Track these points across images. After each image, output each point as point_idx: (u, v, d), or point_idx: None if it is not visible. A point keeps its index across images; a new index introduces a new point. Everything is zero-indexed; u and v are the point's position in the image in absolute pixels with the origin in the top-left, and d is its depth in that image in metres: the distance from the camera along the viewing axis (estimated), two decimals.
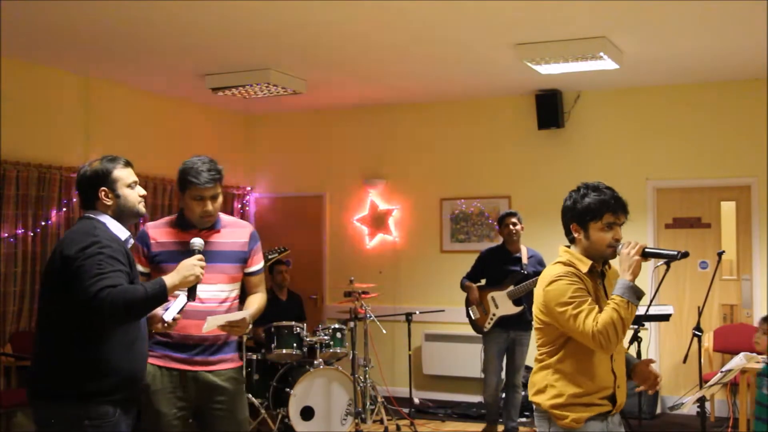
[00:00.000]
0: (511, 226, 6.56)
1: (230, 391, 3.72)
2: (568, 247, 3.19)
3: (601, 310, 2.98)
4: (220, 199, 3.72)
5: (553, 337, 3.08)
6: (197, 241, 3.38)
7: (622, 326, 2.93)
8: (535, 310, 3.15)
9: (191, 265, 3.22)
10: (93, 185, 3.22)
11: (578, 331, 2.95)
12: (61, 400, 3.03)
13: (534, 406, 3.18)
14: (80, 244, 3.04)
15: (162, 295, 3.10)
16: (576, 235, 3.11)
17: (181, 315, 3.31)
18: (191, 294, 3.30)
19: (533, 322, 3.21)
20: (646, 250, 3.04)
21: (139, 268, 3.57)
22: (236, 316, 3.62)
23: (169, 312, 3.27)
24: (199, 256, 3.29)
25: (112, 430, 3.06)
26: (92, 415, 3.02)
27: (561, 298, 2.98)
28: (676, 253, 3.05)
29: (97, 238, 3.06)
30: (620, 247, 3.06)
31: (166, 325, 3.30)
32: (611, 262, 3.21)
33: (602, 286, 3.16)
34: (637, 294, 2.97)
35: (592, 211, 3.06)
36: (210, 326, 3.52)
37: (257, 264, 3.87)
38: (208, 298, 3.64)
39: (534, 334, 3.22)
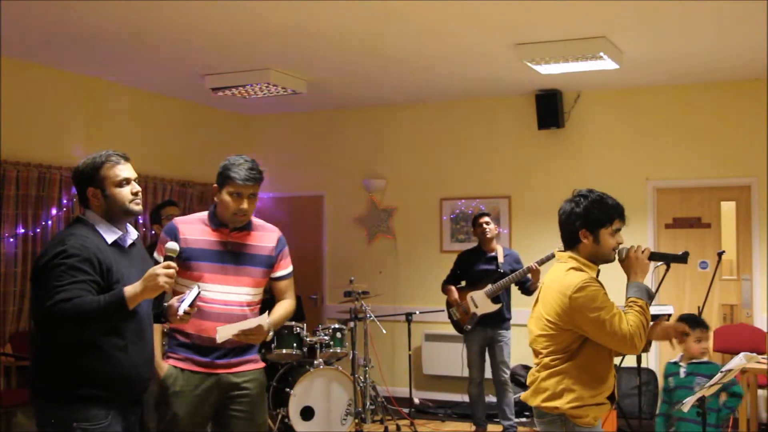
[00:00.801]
0: (484, 226, 6.77)
1: (252, 393, 3.68)
2: (562, 251, 3.26)
3: None
4: (256, 201, 3.68)
5: (567, 343, 3.12)
6: (171, 246, 3.15)
7: (647, 327, 3.10)
8: (549, 316, 3.16)
9: (154, 275, 2.92)
10: (81, 185, 3.16)
11: (613, 334, 3.02)
12: (59, 401, 3.01)
13: (538, 411, 3.20)
14: (48, 254, 3.00)
15: (118, 306, 2.91)
16: (584, 240, 3.18)
17: (193, 308, 3.22)
18: (157, 306, 3.15)
19: (539, 329, 3.21)
20: (653, 252, 3.19)
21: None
22: (250, 323, 3.51)
23: (182, 305, 3.19)
24: (167, 263, 2.97)
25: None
26: (80, 417, 2.99)
27: (593, 304, 3.05)
28: (681, 254, 3.22)
29: (64, 246, 2.98)
30: (624, 250, 3.19)
31: (179, 318, 3.23)
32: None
33: None
34: (650, 296, 3.13)
35: (606, 217, 3.17)
36: (223, 337, 3.46)
37: (284, 269, 3.82)
38: (232, 300, 3.61)
39: (539, 341, 3.22)
